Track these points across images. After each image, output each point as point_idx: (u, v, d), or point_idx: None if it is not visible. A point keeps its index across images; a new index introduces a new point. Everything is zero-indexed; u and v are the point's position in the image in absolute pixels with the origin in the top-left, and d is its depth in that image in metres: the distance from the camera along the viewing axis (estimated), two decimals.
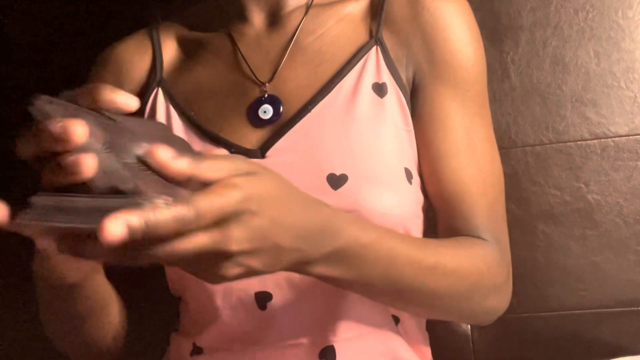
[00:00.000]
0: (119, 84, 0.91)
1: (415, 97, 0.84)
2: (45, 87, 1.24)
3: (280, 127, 0.81)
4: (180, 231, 0.49)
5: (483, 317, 0.84)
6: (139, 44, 0.93)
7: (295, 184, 0.76)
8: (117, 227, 0.45)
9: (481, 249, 0.79)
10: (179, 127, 0.85)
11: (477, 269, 0.76)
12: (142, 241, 0.48)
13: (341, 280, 0.67)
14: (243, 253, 0.54)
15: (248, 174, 0.54)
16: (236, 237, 0.52)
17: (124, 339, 0.86)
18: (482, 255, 0.78)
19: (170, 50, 0.92)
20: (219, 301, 0.78)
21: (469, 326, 1.09)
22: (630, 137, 1.05)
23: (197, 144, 0.83)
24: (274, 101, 0.83)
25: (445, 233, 0.83)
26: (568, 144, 1.07)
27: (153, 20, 0.96)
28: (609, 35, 1.07)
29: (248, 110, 0.84)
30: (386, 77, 0.83)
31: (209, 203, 0.50)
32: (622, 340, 1.04)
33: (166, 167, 0.50)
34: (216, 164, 0.53)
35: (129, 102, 0.52)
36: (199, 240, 0.50)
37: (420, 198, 0.82)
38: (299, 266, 0.61)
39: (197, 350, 0.82)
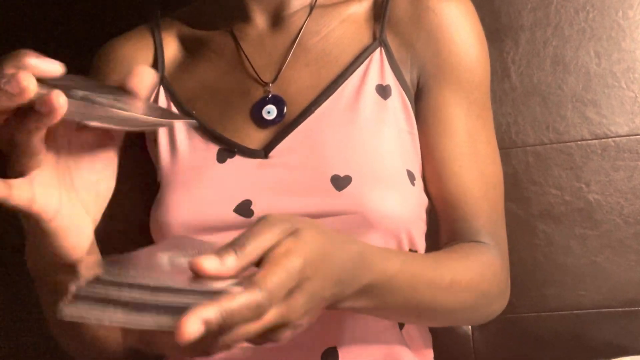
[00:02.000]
0: (121, 80, 0.90)
1: (420, 100, 0.84)
2: None
3: (283, 127, 0.81)
4: (255, 317, 0.49)
5: (485, 319, 0.85)
6: (140, 40, 0.92)
7: (300, 184, 0.76)
8: (195, 325, 0.45)
9: (486, 257, 0.79)
10: (180, 126, 0.84)
11: (486, 279, 0.78)
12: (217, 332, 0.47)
13: (365, 309, 0.68)
14: (299, 317, 0.54)
15: (291, 233, 0.54)
16: (298, 307, 0.53)
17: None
18: (488, 264, 0.79)
19: (171, 48, 0.92)
20: None
21: (469, 326, 1.09)
22: (631, 137, 1.05)
23: (199, 143, 0.82)
24: (278, 101, 0.83)
25: (446, 236, 0.83)
26: (568, 144, 1.07)
27: (153, 16, 0.95)
28: (610, 35, 1.07)
29: (251, 110, 0.84)
30: (390, 79, 0.82)
31: (277, 281, 0.50)
32: (622, 340, 1.04)
33: (218, 274, 0.49)
34: (258, 242, 0.52)
35: (53, 67, 0.51)
36: (269, 319, 0.50)
37: (423, 200, 0.82)
38: (331, 306, 0.62)
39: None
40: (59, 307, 0.47)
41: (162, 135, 0.84)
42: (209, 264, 0.49)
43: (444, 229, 0.84)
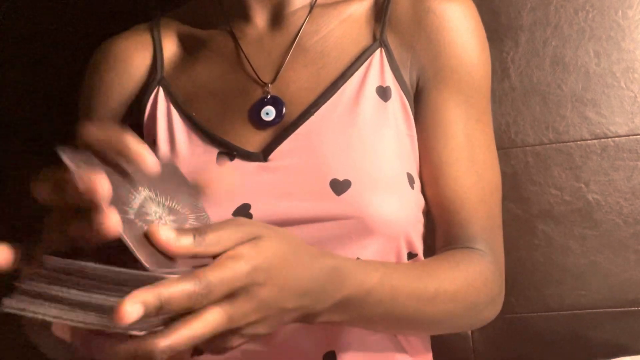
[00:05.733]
0: (119, 79, 0.90)
1: (419, 102, 0.83)
2: (43, 82, 1.24)
3: (282, 129, 0.81)
4: (192, 307, 0.49)
5: (476, 326, 0.84)
6: (139, 39, 0.92)
7: (299, 188, 0.76)
8: (134, 306, 0.45)
9: (478, 265, 0.78)
10: (179, 128, 0.84)
11: (474, 288, 0.77)
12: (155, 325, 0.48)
13: (343, 323, 0.68)
14: (250, 324, 0.54)
15: (252, 239, 0.54)
16: (246, 312, 0.53)
17: None
18: (479, 272, 0.78)
19: (170, 47, 0.91)
20: None
21: None
22: (630, 137, 1.05)
23: (199, 146, 0.82)
24: (277, 102, 0.82)
25: (442, 240, 0.83)
26: (568, 143, 1.07)
27: (152, 15, 0.95)
28: (609, 35, 1.07)
29: (250, 111, 0.83)
30: (390, 81, 0.82)
31: (218, 276, 0.50)
32: (622, 340, 1.04)
33: (168, 247, 0.50)
34: (219, 236, 0.52)
35: (152, 165, 0.52)
36: (213, 319, 0.50)
37: (421, 202, 0.82)
38: (303, 319, 0.61)
39: (197, 351, 0.81)
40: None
41: (162, 137, 0.84)
42: (165, 233, 0.50)
43: (439, 233, 0.83)
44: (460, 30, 0.83)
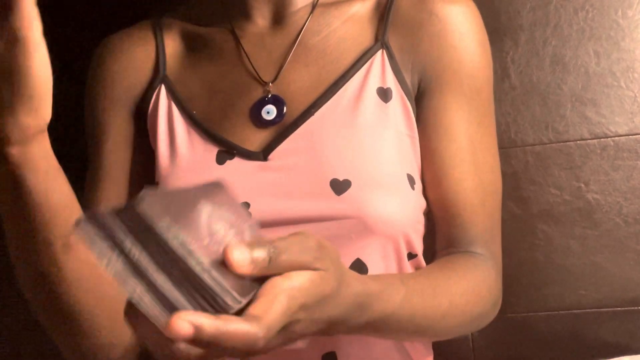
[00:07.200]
0: (123, 71, 0.90)
1: (420, 103, 0.83)
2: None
3: (283, 129, 0.80)
4: (243, 349, 0.47)
5: (477, 329, 0.84)
6: (142, 36, 0.91)
7: (299, 188, 0.76)
8: (185, 325, 0.44)
9: (481, 273, 0.79)
10: (180, 126, 0.84)
11: (480, 298, 0.77)
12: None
13: (355, 334, 0.68)
14: (272, 346, 0.52)
15: (315, 269, 0.53)
16: (274, 341, 0.51)
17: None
18: (483, 280, 0.79)
19: (172, 45, 0.91)
20: None
21: None
22: (630, 136, 1.05)
23: (199, 144, 0.82)
24: (278, 102, 0.82)
25: (442, 242, 0.83)
26: (568, 143, 1.07)
27: (155, 13, 0.95)
28: (609, 35, 1.07)
29: (251, 110, 0.83)
30: (391, 82, 0.82)
31: (277, 322, 0.48)
32: (622, 340, 1.04)
33: (242, 269, 0.48)
34: (292, 261, 0.51)
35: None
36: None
37: (422, 203, 0.82)
38: (318, 334, 0.60)
39: None
40: (79, 217, 0.46)
41: (163, 135, 0.84)
42: (239, 255, 0.48)
43: (440, 234, 0.83)
44: (463, 34, 0.83)
